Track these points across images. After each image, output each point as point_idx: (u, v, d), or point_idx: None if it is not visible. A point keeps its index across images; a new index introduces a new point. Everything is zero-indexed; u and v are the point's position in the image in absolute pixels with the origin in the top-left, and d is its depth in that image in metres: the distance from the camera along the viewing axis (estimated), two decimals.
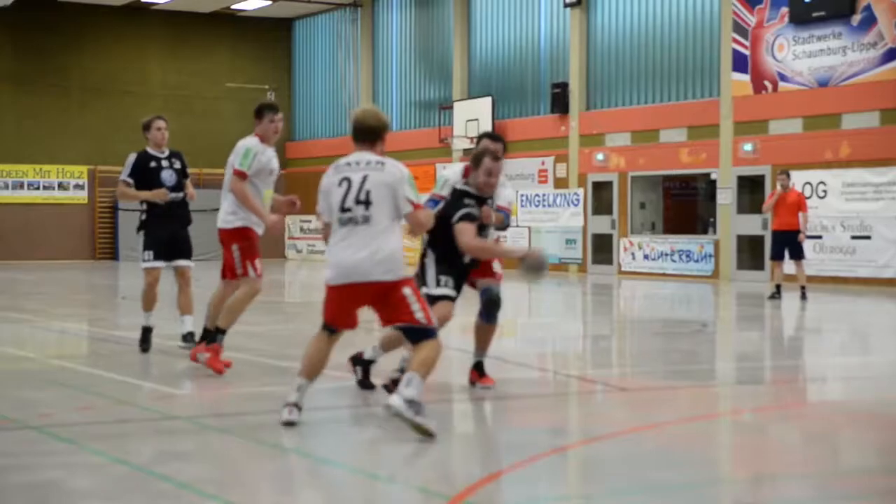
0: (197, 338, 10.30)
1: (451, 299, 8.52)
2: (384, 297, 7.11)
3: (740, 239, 25.19)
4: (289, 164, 38.78)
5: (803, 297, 18.58)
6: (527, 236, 30.60)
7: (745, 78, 24.94)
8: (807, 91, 23.70)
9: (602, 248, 28.64)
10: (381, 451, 6.83)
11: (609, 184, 28.42)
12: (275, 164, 9.82)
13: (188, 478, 5.87)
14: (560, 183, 29.79)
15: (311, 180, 37.96)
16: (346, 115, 36.59)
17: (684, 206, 28.51)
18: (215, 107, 37.18)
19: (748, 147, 24.85)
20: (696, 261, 25.98)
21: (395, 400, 6.81)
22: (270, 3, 36.44)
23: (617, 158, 28.07)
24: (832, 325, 16.11)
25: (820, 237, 22.87)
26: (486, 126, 31.20)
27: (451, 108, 32.72)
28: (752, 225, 24.56)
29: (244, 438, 6.89)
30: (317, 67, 38.82)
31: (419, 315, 7.07)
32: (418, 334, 7.08)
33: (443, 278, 8.49)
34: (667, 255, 26.75)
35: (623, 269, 27.77)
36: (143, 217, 11.41)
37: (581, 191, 29.09)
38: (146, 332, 10.98)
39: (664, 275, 26.45)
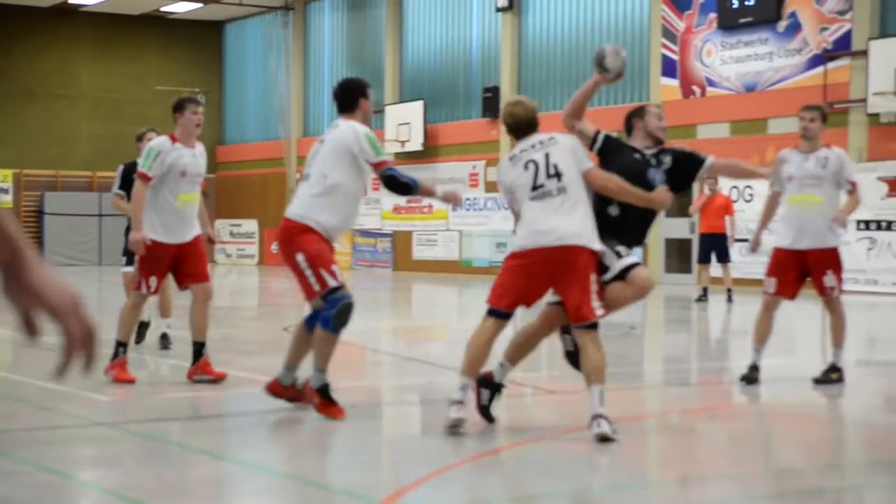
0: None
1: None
2: (572, 270, 6.99)
3: (668, 242, 25.42)
4: (219, 168, 38.53)
5: (729, 299, 18.79)
6: (457, 240, 30.67)
7: (674, 83, 25.19)
8: (734, 96, 23.99)
9: None
10: (310, 456, 6.81)
11: None
12: (188, 162, 9.07)
13: (114, 485, 5.81)
14: (491, 187, 29.86)
15: (241, 184, 37.98)
16: (278, 119, 36.46)
17: None
18: (145, 110, 36.79)
19: None
20: None
21: (606, 427, 6.76)
22: (201, 5, 36.19)
23: None
24: None
25: (746, 240, 23.10)
26: (418, 130, 31.27)
27: (382, 111, 32.71)
28: (680, 228, 24.80)
29: (171, 444, 6.84)
30: (248, 71, 38.60)
31: (598, 311, 7.01)
32: (586, 327, 7.02)
33: (620, 248, 7.45)
34: None
35: None
36: (127, 224, 11.51)
37: None
38: (140, 326, 11.46)
39: None
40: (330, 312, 7.33)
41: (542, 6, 28.74)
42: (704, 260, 19.22)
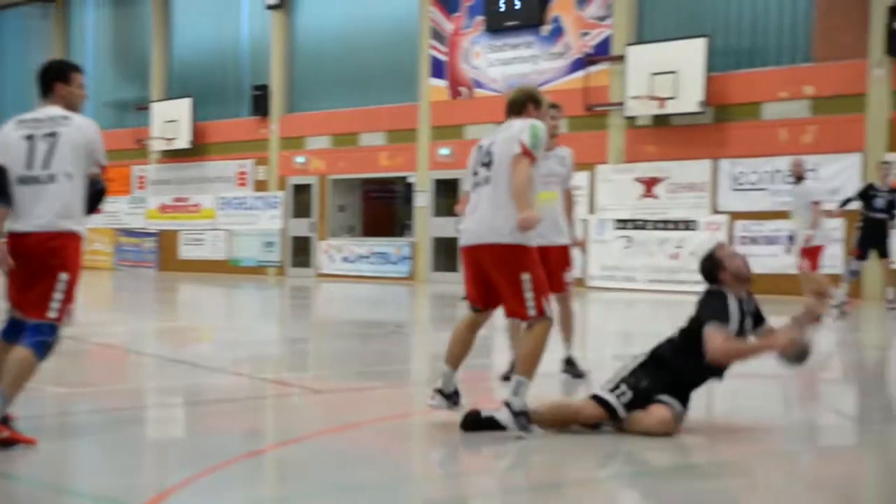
0: None
1: (614, 416, 6.99)
2: (499, 268, 6.85)
3: (437, 241, 25.76)
4: None
5: None
6: (225, 239, 30.30)
7: (443, 84, 25.54)
8: (501, 97, 24.48)
9: (301, 251, 28.70)
10: (64, 461, 6.60)
11: (309, 186, 28.51)
12: None
13: None
14: (260, 186, 29.67)
15: None
16: None
17: (383, 209, 28.95)
18: None
19: (445, 151, 25.44)
20: (394, 263, 26.39)
21: (503, 416, 6.74)
22: None
23: (317, 161, 28.18)
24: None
25: None
26: (186, 127, 30.75)
27: (147, 108, 32.05)
28: (447, 227, 25.17)
29: None
30: (6, 64, 37.19)
31: (532, 311, 6.87)
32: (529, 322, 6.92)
33: (623, 387, 7.00)
34: (365, 257, 27.07)
35: (322, 271, 27.89)
36: None
37: (281, 193, 29.05)
38: None
39: (362, 277, 26.72)
40: (49, 340, 6.46)
41: (312, 5, 28.69)
42: None
